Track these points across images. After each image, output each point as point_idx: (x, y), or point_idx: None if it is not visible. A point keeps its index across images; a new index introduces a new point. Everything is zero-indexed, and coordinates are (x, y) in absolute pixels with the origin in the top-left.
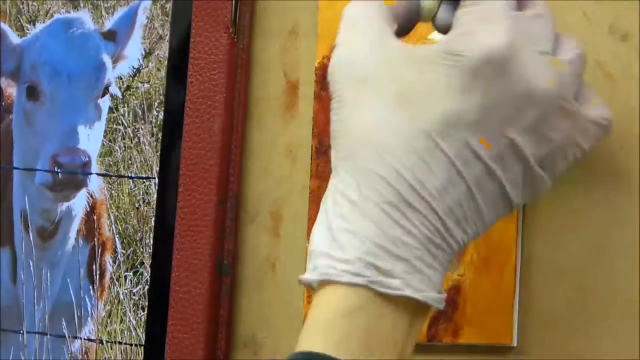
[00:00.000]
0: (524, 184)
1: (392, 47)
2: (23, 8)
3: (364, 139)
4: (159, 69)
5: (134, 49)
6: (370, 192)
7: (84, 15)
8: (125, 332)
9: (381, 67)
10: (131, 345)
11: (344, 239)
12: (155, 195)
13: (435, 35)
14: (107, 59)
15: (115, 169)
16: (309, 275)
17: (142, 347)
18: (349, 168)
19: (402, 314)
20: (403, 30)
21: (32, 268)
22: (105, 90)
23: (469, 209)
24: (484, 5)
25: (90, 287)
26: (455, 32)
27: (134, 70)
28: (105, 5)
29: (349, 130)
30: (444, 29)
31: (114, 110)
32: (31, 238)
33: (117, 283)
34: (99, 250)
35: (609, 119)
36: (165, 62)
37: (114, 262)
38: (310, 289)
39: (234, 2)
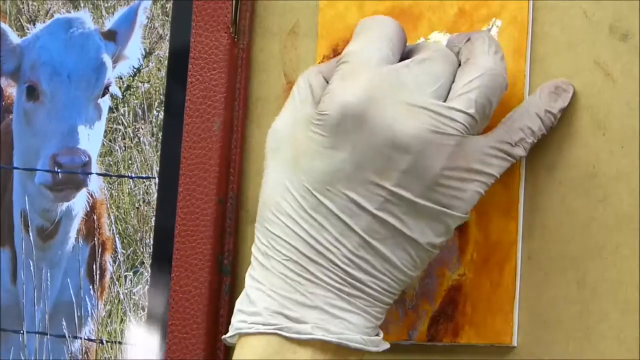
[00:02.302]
0: (424, 223)
1: (301, 113)
2: (23, 8)
3: (268, 202)
4: (159, 69)
5: (134, 48)
6: (272, 252)
7: (84, 15)
8: (125, 332)
9: (286, 134)
10: (131, 345)
11: (255, 296)
12: (155, 195)
13: (435, 35)
14: (107, 58)
15: (116, 168)
16: (227, 334)
17: (142, 347)
18: (258, 232)
19: (321, 358)
20: None
21: (32, 268)
22: (106, 90)
23: (371, 258)
24: (350, 62)
25: (91, 287)
26: (325, 91)
27: (134, 70)
28: (106, 5)
29: (262, 195)
30: None
31: (114, 110)
32: (31, 238)
33: (117, 283)
34: (99, 250)
35: (519, 143)
36: (166, 62)
37: (114, 262)
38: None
39: (234, 2)
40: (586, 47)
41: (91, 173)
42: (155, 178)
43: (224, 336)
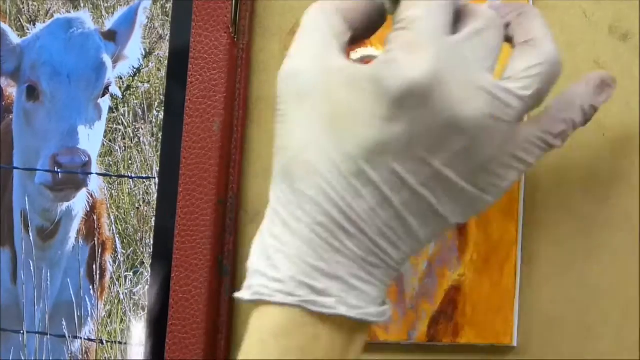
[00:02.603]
0: (459, 204)
1: (332, 64)
2: (23, 8)
3: (297, 158)
4: (159, 69)
5: (134, 48)
6: (300, 213)
7: (84, 15)
8: (125, 332)
9: (318, 85)
10: (131, 345)
11: (277, 259)
12: (155, 195)
13: None
14: (107, 58)
15: (116, 168)
16: (243, 295)
17: (142, 347)
18: (283, 187)
19: (338, 334)
20: (363, 34)
21: (32, 268)
22: (106, 90)
23: (400, 230)
24: (413, 30)
25: (91, 287)
26: (383, 56)
27: (134, 70)
28: (106, 5)
29: (285, 147)
30: None
31: (114, 110)
32: (31, 238)
33: (117, 283)
34: (99, 250)
35: (559, 135)
36: (166, 62)
37: (114, 262)
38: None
39: (234, 2)
40: (586, 47)
41: (91, 173)
42: (155, 178)
43: (237, 295)
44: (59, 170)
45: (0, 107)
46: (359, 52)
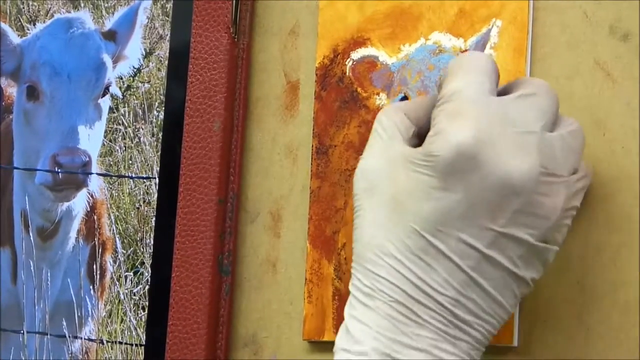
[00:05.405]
0: (530, 260)
1: (394, 153)
2: (23, 8)
3: (369, 245)
4: (159, 69)
5: (134, 48)
6: (377, 294)
7: (84, 15)
8: (126, 332)
9: (383, 175)
10: (131, 345)
11: (359, 335)
12: (155, 195)
13: (435, 35)
14: (107, 58)
15: (116, 168)
16: None
17: (142, 347)
18: (358, 272)
19: None
20: (427, 126)
21: (32, 268)
22: (106, 90)
23: (478, 297)
24: (455, 101)
25: (91, 287)
26: (431, 131)
27: (135, 70)
28: (106, 5)
29: (360, 237)
30: None
31: (114, 110)
32: (31, 238)
33: (117, 283)
34: (99, 250)
35: (590, 177)
36: (166, 62)
37: (115, 262)
38: None
39: (234, 2)
40: (586, 47)
41: (91, 173)
42: (155, 178)
43: None
44: (59, 170)
45: (1, 107)
46: (359, 52)
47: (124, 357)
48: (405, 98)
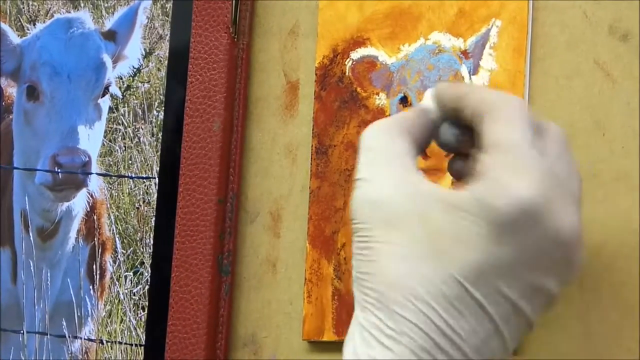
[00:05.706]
0: (546, 309)
1: (419, 186)
2: (23, 8)
3: (396, 284)
4: (159, 69)
5: (134, 48)
6: (402, 338)
7: (84, 15)
8: (125, 332)
9: (408, 209)
10: (131, 345)
11: None
12: (155, 195)
13: (435, 35)
14: (107, 58)
15: (116, 168)
16: None
17: (142, 347)
18: (382, 313)
19: None
20: (423, 146)
21: (32, 268)
22: (105, 90)
23: (496, 345)
24: (511, 153)
25: (91, 287)
26: (485, 180)
27: (134, 70)
28: (106, 5)
29: (381, 274)
30: (447, 149)
31: (114, 110)
32: (31, 238)
33: (117, 283)
34: (99, 250)
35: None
36: (166, 62)
37: (114, 262)
38: None
39: (234, 2)
40: (586, 47)
41: (91, 173)
42: (155, 178)
43: None
44: (59, 170)
45: (1, 107)
46: (359, 52)
47: (124, 357)
48: (404, 98)
